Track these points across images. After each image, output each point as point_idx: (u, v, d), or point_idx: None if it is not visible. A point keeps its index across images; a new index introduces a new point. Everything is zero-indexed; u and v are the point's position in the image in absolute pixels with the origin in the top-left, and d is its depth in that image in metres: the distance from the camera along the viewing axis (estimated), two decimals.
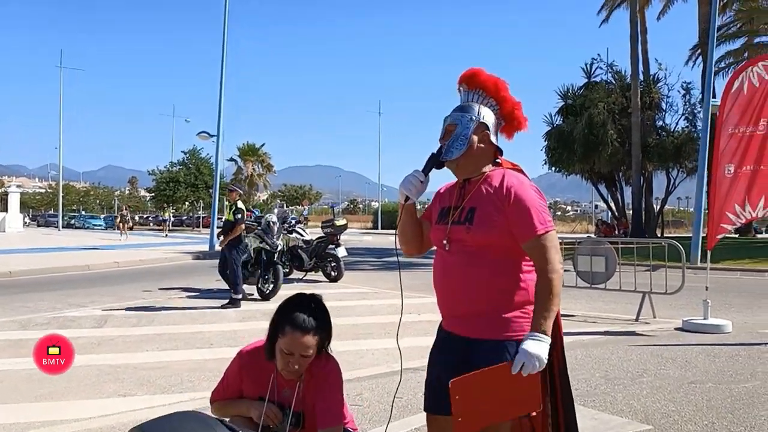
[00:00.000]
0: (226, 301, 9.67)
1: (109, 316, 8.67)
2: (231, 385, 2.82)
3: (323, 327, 2.64)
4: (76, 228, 56.52)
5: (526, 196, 2.37)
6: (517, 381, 2.22)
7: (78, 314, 8.76)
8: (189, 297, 10.74)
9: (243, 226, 9.97)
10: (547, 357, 2.24)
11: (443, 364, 2.51)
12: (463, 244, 2.42)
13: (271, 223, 10.86)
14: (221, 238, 10.17)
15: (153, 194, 59.65)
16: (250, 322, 8.41)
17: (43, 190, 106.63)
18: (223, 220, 10.67)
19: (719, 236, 8.37)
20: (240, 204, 10.03)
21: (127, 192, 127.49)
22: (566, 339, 6.81)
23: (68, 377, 5.45)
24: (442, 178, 2.66)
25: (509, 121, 2.58)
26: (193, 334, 7.49)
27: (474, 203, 2.44)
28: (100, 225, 60.34)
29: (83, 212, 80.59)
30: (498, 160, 2.57)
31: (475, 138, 2.48)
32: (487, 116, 2.52)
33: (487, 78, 2.56)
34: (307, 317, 2.59)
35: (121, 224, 35.90)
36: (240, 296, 9.69)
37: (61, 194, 50.86)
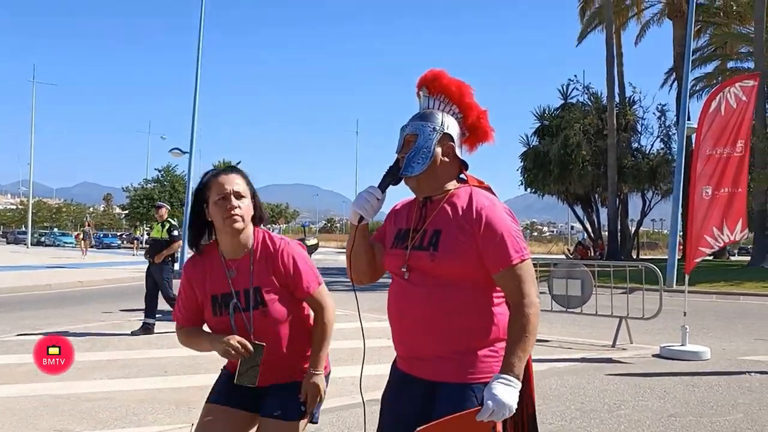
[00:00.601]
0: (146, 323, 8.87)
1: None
2: (187, 302, 2.53)
3: (245, 175, 2.49)
4: (47, 246, 55.35)
5: (499, 219, 2.07)
6: (483, 428, 1.92)
7: (27, 338, 8.27)
8: None
9: (180, 243, 9.32)
10: (517, 404, 1.93)
11: (400, 411, 2.18)
12: (425, 273, 2.09)
13: None
14: (149, 256, 9.28)
15: (127, 212, 58.87)
16: None
17: (14, 207, 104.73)
18: (150, 237, 9.90)
19: (697, 260, 8.16)
20: (173, 221, 9.49)
21: (101, 209, 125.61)
22: (540, 366, 6.52)
23: (3, 411, 5.03)
24: (397, 195, 2.32)
25: (473, 132, 2.25)
26: (148, 361, 7.06)
27: (438, 226, 2.12)
28: (71, 243, 59.21)
29: (56, 229, 79.12)
30: (463, 176, 2.26)
31: (439, 151, 2.16)
32: (452, 126, 2.19)
33: (451, 81, 2.24)
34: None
35: (83, 241, 35.03)
36: (154, 321, 8.92)
37: (30, 211, 49.88)
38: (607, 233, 31.01)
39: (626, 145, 30.54)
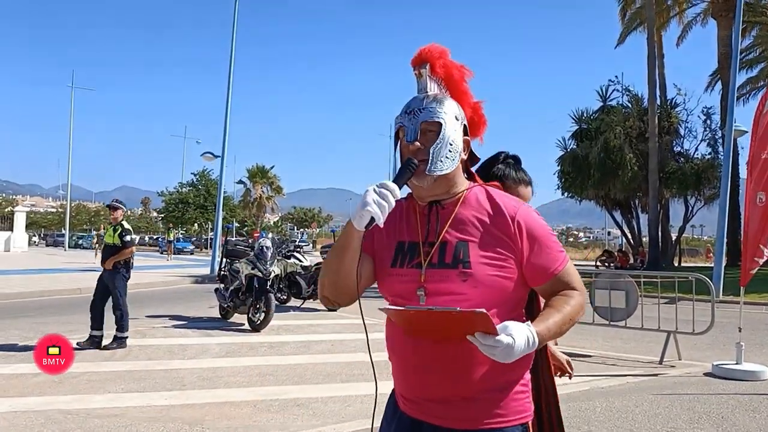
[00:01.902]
0: (119, 338, 8.05)
1: (82, 347, 7.93)
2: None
3: None
4: (84, 248, 56.12)
5: (537, 222, 1.76)
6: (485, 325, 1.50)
7: None
8: (174, 327, 10.00)
9: (133, 249, 8.59)
10: (525, 342, 1.51)
11: None
12: (450, 296, 1.67)
13: (265, 249, 10.11)
14: (101, 261, 8.54)
15: (162, 215, 59.52)
16: (235, 357, 7.66)
17: (54, 210, 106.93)
18: (103, 242, 8.94)
19: (753, 270, 7.56)
20: (126, 224, 8.54)
21: (139, 213, 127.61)
22: (582, 385, 6.00)
23: (7, 427, 4.74)
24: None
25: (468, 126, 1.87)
26: (166, 373, 6.73)
27: (461, 236, 1.73)
28: None
29: (94, 232, 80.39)
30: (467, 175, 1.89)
31: (463, 145, 1.80)
32: (463, 117, 1.83)
33: (453, 63, 1.84)
34: None
35: (98, 245, 34.41)
36: (126, 335, 8.12)
37: (69, 214, 50.62)
38: (647, 239, 30.05)
39: (668, 149, 29.59)
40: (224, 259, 11.18)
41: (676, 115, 30.01)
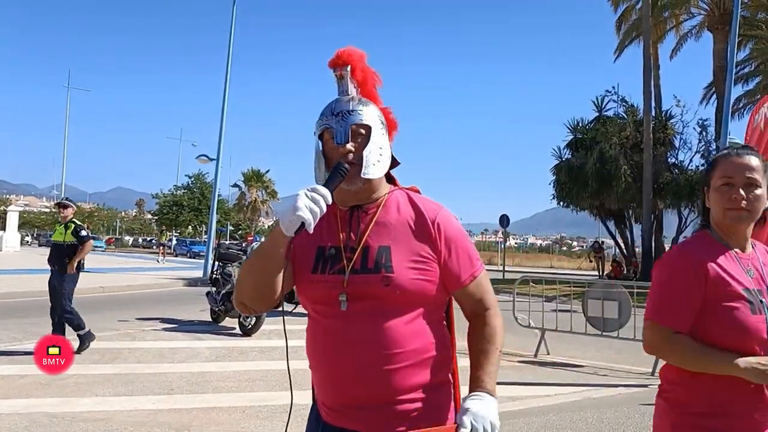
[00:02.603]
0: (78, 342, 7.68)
1: None
2: (691, 301, 1.89)
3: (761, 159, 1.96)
4: None
5: (455, 227, 1.77)
6: None
7: None
8: (165, 329, 9.92)
9: (91, 243, 8.32)
10: (498, 420, 1.57)
11: None
12: (372, 300, 1.65)
13: None
14: (51, 263, 8.32)
15: (156, 217, 59.40)
16: (224, 362, 7.59)
17: (48, 210, 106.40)
18: (52, 242, 8.57)
19: None
20: (77, 221, 8.31)
21: (133, 214, 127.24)
22: (574, 396, 5.96)
23: None
24: None
25: None
26: (155, 376, 6.66)
27: (383, 241, 1.70)
28: (100, 247, 59.73)
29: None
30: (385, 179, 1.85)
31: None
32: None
33: (367, 68, 1.81)
34: None
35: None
36: (86, 329, 7.82)
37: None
38: (640, 250, 30.05)
39: (663, 160, 29.62)
40: (216, 263, 11.13)
41: (672, 126, 30.09)
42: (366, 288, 1.66)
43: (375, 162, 1.70)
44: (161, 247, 36.28)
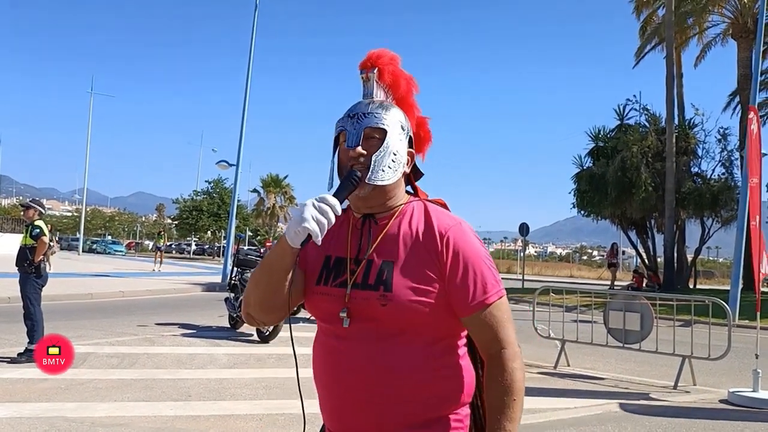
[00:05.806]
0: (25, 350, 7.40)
1: (90, 354, 7.90)
2: None
3: None
4: (98, 253, 56.44)
5: (471, 245, 1.58)
6: None
7: None
8: (183, 335, 9.94)
9: (53, 244, 7.93)
10: None
11: None
12: (371, 320, 1.55)
13: None
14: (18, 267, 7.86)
15: (176, 222, 59.83)
16: (242, 368, 7.59)
17: (70, 214, 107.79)
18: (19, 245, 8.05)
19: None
20: (40, 223, 7.88)
21: (153, 219, 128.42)
22: (595, 409, 5.87)
23: None
24: None
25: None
26: (173, 382, 6.67)
27: (388, 255, 1.58)
28: (121, 251, 60.32)
29: (108, 237, 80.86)
30: (410, 188, 1.75)
31: (408, 158, 1.67)
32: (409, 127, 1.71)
33: (401, 72, 1.72)
34: None
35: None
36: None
37: (84, 218, 50.98)
38: (662, 260, 29.66)
39: (686, 170, 29.29)
40: (235, 269, 11.15)
41: (694, 135, 29.75)
42: (365, 306, 1.55)
43: (385, 168, 1.58)
44: (158, 252, 31.18)
